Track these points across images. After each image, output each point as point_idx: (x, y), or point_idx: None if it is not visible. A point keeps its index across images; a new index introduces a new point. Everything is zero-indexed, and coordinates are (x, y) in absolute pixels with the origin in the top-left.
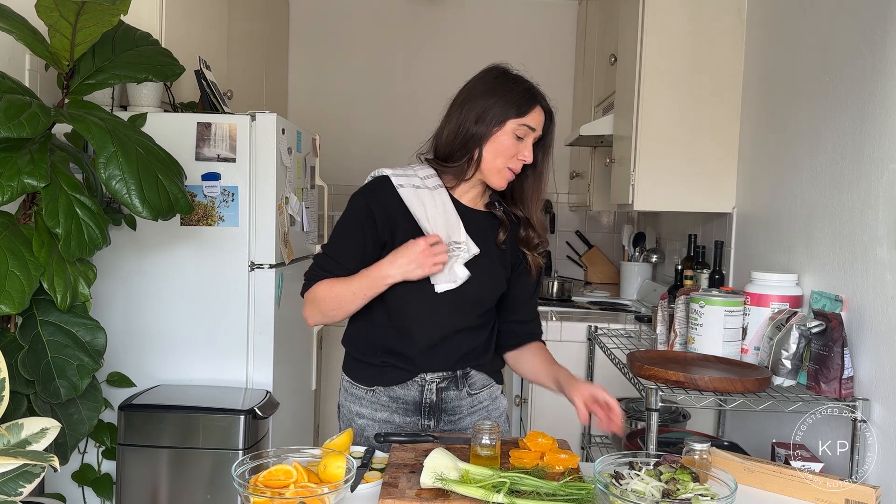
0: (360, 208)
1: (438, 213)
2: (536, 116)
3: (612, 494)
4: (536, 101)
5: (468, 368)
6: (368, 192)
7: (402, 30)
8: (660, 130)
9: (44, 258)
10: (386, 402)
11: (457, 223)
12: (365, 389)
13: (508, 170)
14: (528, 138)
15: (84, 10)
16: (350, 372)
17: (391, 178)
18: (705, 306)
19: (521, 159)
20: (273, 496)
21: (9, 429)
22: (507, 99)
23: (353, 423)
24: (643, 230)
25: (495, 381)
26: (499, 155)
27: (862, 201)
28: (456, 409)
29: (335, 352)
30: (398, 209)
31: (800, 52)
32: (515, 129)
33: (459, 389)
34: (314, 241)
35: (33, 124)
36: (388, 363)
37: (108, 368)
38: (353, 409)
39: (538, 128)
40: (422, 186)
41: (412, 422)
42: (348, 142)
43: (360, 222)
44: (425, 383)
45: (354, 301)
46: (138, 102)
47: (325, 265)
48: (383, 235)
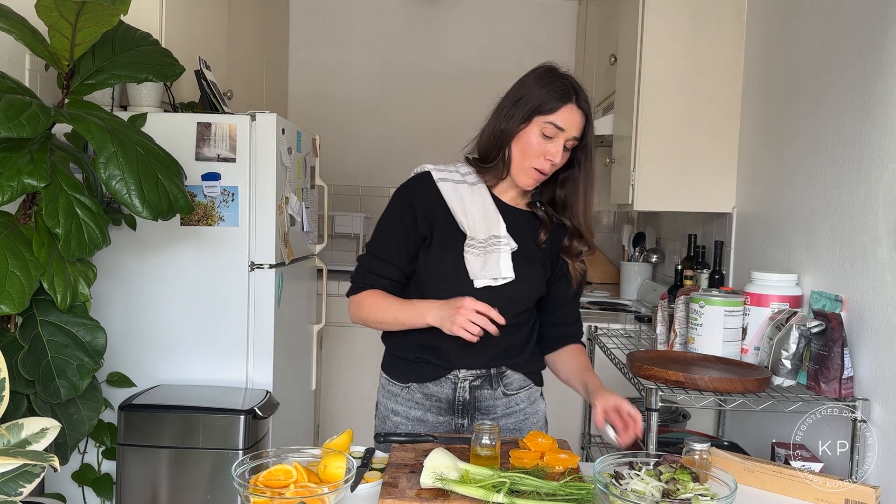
0: (402, 205)
1: (477, 208)
2: (566, 115)
3: (612, 494)
4: (568, 99)
5: (503, 367)
6: (409, 189)
7: (402, 30)
8: (660, 130)
9: (44, 258)
10: (420, 400)
11: (496, 218)
12: (400, 386)
13: (535, 170)
14: (557, 138)
15: (84, 10)
16: (387, 368)
17: (432, 172)
18: (705, 306)
19: (548, 159)
20: (273, 496)
21: (9, 429)
22: (536, 95)
23: (387, 421)
24: (643, 230)
25: (534, 383)
26: (525, 154)
27: (862, 201)
28: (490, 408)
29: (335, 352)
30: (437, 204)
31: (800, 52)
32: (542, 128)
33: (494, 389)
34: (314, 241)
35: (33, 124)
36: (422, 359)
37: (108, 368)
38: (389, 405)
39: (569, 128)
40: (462, 182)
41: (445, 421)
42: (348, 142)
43: (401, 218)
44: (458, 381)
45: (394, 326)
46: (138, 102)
47: (371, 266)
48: (423, 230)
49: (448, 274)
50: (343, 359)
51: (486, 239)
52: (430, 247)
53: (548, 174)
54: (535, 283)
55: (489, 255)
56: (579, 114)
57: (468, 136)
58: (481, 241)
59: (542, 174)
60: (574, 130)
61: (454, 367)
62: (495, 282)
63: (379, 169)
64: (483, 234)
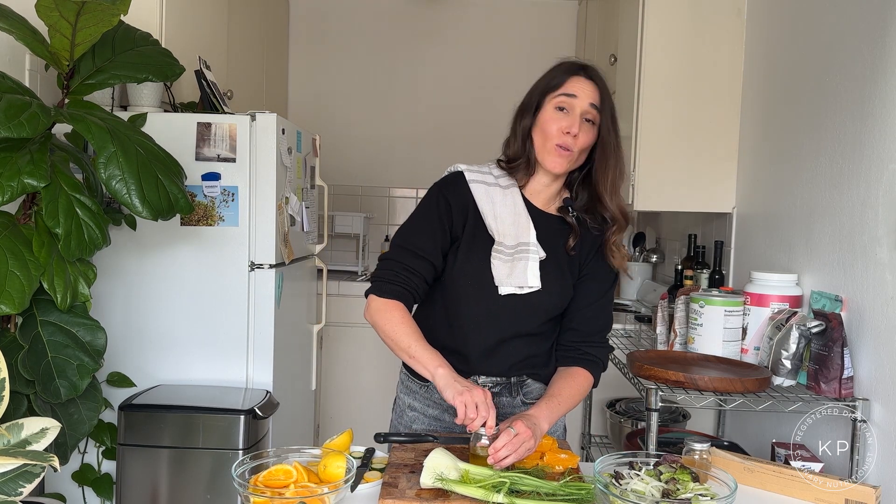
0: (440, 201)
1: (508, 213)
2: (574, 84)
3: (612, 494)
4: (574, 72)
5: (524, 376)
6: (446, 186)
7: (402, 30)
8: (660, 130)
9: (44, 258)
10: (438, 400)
11: (527, 225)
12: (419, 384)
13: (558, 147)
14: (572, 111)
15: (84, 10)
16: (407, 366)
17: (465, 173)
18: (705, 306)
19: (567, 132)
20: (273, 496)
21: (9, 429)
22: (544, 79)
23: (404, 415)
24: (643, 230)
25: None
26: (545, 134)
27: (862, 201)
28: (509, 415)
29: (335, 352)
30: (470, 205)
31: (800, 52)
32: (555, 104)
33: (513, 397)
34: (314, 241)
35: (33, 124)
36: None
37: (108, 368)
38: (407, 401)
39: (580, 95)
40: (494, 185)
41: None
42: (348, 142)
43: (439, 214)
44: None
45: (402, 355)
46: (138, 102)
47: (405, 261)
48: (457, 229)
49: (473, 278)
50: (343, 359)
51: (514, 245)
52: (458, 248)
53: (573, 149)
54: (562, 293)
55: (517, 263)
56: (589, 83)
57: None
58: (510, 247)
59: (566, 150)
60: (586, 97)
61: (475, 373)
62: (521, 290)
63: (379, 169)
64: (512, 241)
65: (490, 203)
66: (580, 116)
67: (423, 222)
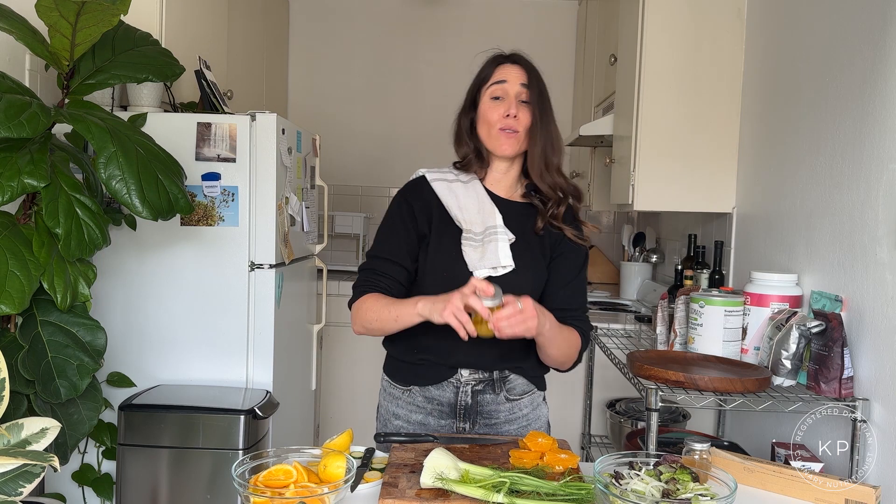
0: (402, 205)
1: (472, 203)
2: (504, 70)
3: (612, 494)
4: (501, 61)
5: (507, 371)
6: (407, 190)
7: (402, 30)
8: (660, 130)
9: (44, 258)
10: (421, 403)
11: (492, 210)
12: (402, 389)
13: (502, 131)
14: (507, 96)
15: (84, 10)
16: (389, 371)
17: (426, 174)
18: (705, 306)
19: (507, 115)
20: (273, 496)
21: (9, 429)
22: (477, 77)
23: (388, 424)
24: (643, 230)
25: (536, 388)
26: (488, 124)
27: (862, 201)
28: (493, 412)
29: (335, 352)
30: (434, 203)
31: (800, 51)
32: (490, 94)
33: (496, 393)
34: (314, 241)
35: (33, 124)
36: (425, 360)
37: (108, 368)
38: (391, 409)
39: (510, 79)
40: (455, 181)
41: (447, 425)
42: (348, 142)
43: (402, 217)
44: (460, 385)
45: (391, 325)
46: (138, 102)
47: (374, 266)
48: (422, 227)
49: (447, 268)
50: (343, 359)
51: (482, 230)
52: (428, 245)
53: (518, 129)
54: (537, 273)
55: (487, 245)
56: (515, 67)
57: None
58: (478, 232)
59: (512, 130)
60: (516, 80)
61: (458, 366)
62: (495, 271)
63: (379, 169)
64: (479, 227)
65: (454, 196)
66: (515, 98)
67: (387, 230)
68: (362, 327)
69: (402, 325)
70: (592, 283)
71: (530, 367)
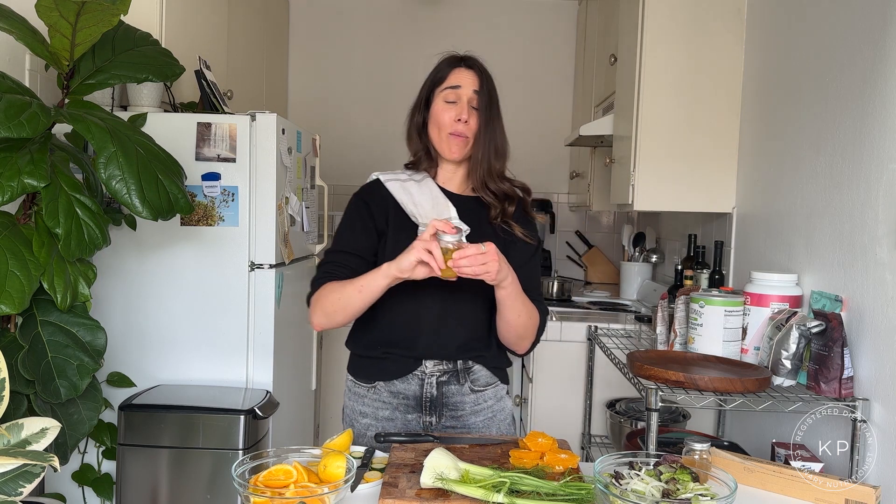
0: (358, 204)
1: (425, 199)
2: (459, 75)
3: (612, 494)
4: (456, 64)
5: (470, 362)
6: (363, 192)
7: (401, 30)
8: (660, 130)
9: (44, 258)
10: (387, 399)
11: (445, 203)
12: (367, 387)
13: (451, 136)
14: (460, 100)
15: (84, 10)
16: (353, 370)
17: (380, 176)
18: (705, 306)
19: (458, 120)
20: (273, 496)
21: (9, 429)
22: (431, 76)
23: (355, 424)
24: (643, 230)
25: (500, 381)
26: (439, 125)
27: (862, 201)
28: (458, 404)
29: (335, 352)
30: (389, 203)
31: (800, 51)
32: (443, 97)
33: (461, 384)
34: (314, 241)
35: (33, 124)
36: (389, 354)
37: (108, 368)
38: (357, 408)
39: (464, 84)
40: (408, 180)
41: (414, 419)
42: (348, 142)
43: (360, 214)
44: (425, 377)
45: (358, 297)
46: (138, 102)
47: (330, 259)
48: (380, 223)
49: None
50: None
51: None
52: (385, 242)
53: (467, 135)
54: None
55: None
56: (470, 72)
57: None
58: None
59: (461, 135)
60: (470, 85)
61: (422, 357)
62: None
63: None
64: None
65: (407, 194)
66: (467, 104)
67: (346, 226)
68: (323, 316)
69: (368, 294)
70: (592, 283)
71: (492, 356)
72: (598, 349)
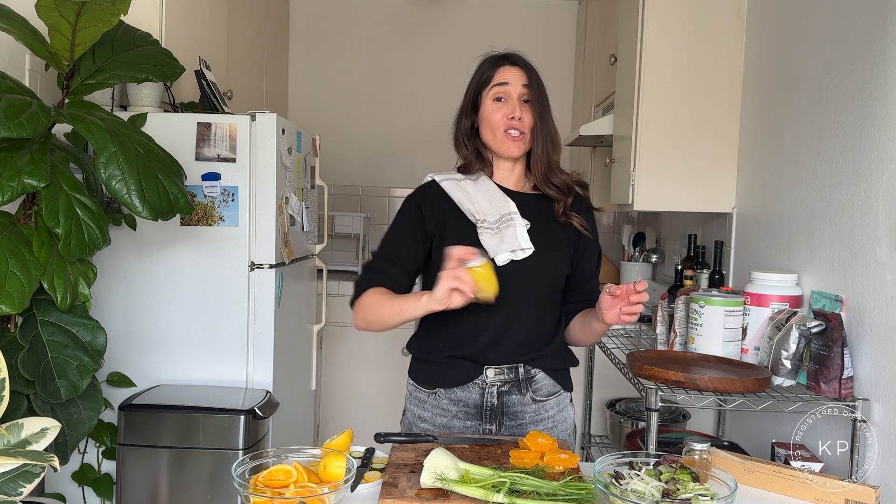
0: (411, 206)
1: (482, 196)
2: (505, 72)
3: (612, 494)
4: (500, 62)
5: (532, 370)
6: (417, 193)
7: (402, 30)
8: (660, 130)
9: (44, 258)
10: (447, 406)
11: (504, 199)
12: (427, 392)
13: (507, 135)
14: (509, 98)
15: (84, 10)
16: (413, 374)
17: (436, 177)
18: (705, 306)
19: (511, 118)
20: (273, 496)
21: (9, 429)
22: (474, 79)
23: (414, 427)
24: (643, 230)
25: (563, 389)
26: (493, 126)
27: (862, 201)
28: (519, 413)
29: (335, 352)
30: (445, 204)
31: (800, 51)
32: (492, 95)
33: (523, 394)
34: (314, 241)
35: (33, 124)
36: (450, 362)
37: (108, 368)
38: (416, 412)
39: (511, 81)
40: (464, 179)
41: (473, 426)
42: (348, 142)
43: (408, 217)
44: (486, 386)
45: (396, 318)
46: (138, 102)
47: (376, 266)
48: (429, 226)
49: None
50: (343, 359)
51: (498, 219)
52: (443, 240)
53: (524, 131)
54: (559, 259)
55: (505, 231)
56: (515, 68)
57: None
58: (493, 221)
59: (518, 132)
60: (517, 80)
61: (483, 363)
62: (514, 255)
63: (379, 169)
64: (494, 216)
65: (464, 192)
66: (518, 100)
67: (395, 230)
68: (364, 321)
69: (404, 318)
70: None
71: (552, 355)
72: (598, 349)
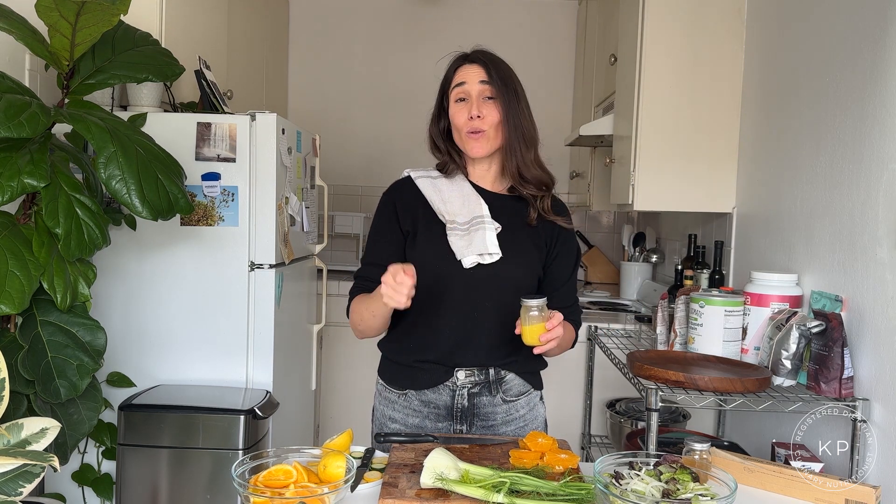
0: (387, 205)
1: (455, 196)
2: (463, 72)
3: (612, 494)
4: (460, 62)
5: (502, 371)
6: (392, 190)
7: (402, 30)
8: (660, 130)
9: (44, 258)
10: (417, 407)
11: (477, 201)
12: (398, 393)
13: (469, 134)
14: (469, 96)
15: (84, 10)
16: (384, 375)
17: (411, 173)
18: (705, 306)
19: (472, 117)
20: (273, 496)
21: (9, 429)
22: (442, 82)
23: (384, 428)
24: (643, 230)
25: (533, 387)
26: (458, 127)
27: (862, 201)
28: (489, 414)
29: (335, 352)
30: (418, 201)
31: (800, 51)
32: (455, 97)
33: (493, 395)
34: (314, 241)
35: (33, 124)
36: (420, 365)
37: (108, 368)
38: (387, 413)
39: (469, 80)
40: (440, 177)
41: (444, 427)
42: (348, 142)
43: (387, 218)
44: (456, 388)
45: (375, 321)
46: (138, 102)
47: (365, 273)
48: (405, 225)
49: (435, 260)
50: (343, 359)
51: (468, 220)
52: (415, 239)
53: (485, 129)
54: (528, 263)
55: (474, 234)
56: (473, 66)
57: None
58: (463, 223)
59: (479, 130)
60: (475, 78)
61: (453, 365)
62: (482, 258)
63: (379, 169)
64: (464, 217)
65: (437, 191)
66: (477, 98)
67: (375, 234)
68: (358, 331)
69: (380, 317)
70: (592, 283)
71: (524, 360)
72: (598, 349)
